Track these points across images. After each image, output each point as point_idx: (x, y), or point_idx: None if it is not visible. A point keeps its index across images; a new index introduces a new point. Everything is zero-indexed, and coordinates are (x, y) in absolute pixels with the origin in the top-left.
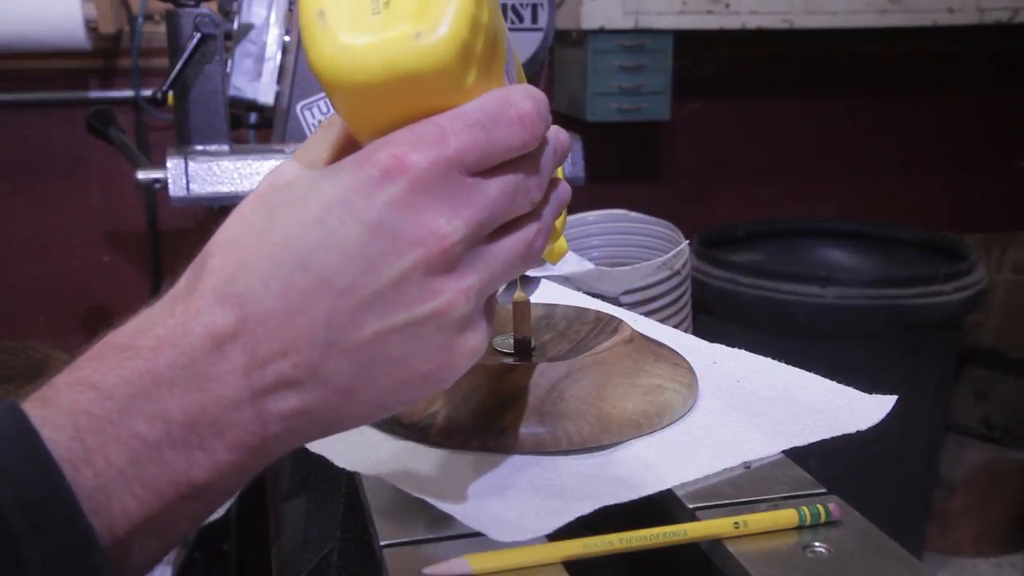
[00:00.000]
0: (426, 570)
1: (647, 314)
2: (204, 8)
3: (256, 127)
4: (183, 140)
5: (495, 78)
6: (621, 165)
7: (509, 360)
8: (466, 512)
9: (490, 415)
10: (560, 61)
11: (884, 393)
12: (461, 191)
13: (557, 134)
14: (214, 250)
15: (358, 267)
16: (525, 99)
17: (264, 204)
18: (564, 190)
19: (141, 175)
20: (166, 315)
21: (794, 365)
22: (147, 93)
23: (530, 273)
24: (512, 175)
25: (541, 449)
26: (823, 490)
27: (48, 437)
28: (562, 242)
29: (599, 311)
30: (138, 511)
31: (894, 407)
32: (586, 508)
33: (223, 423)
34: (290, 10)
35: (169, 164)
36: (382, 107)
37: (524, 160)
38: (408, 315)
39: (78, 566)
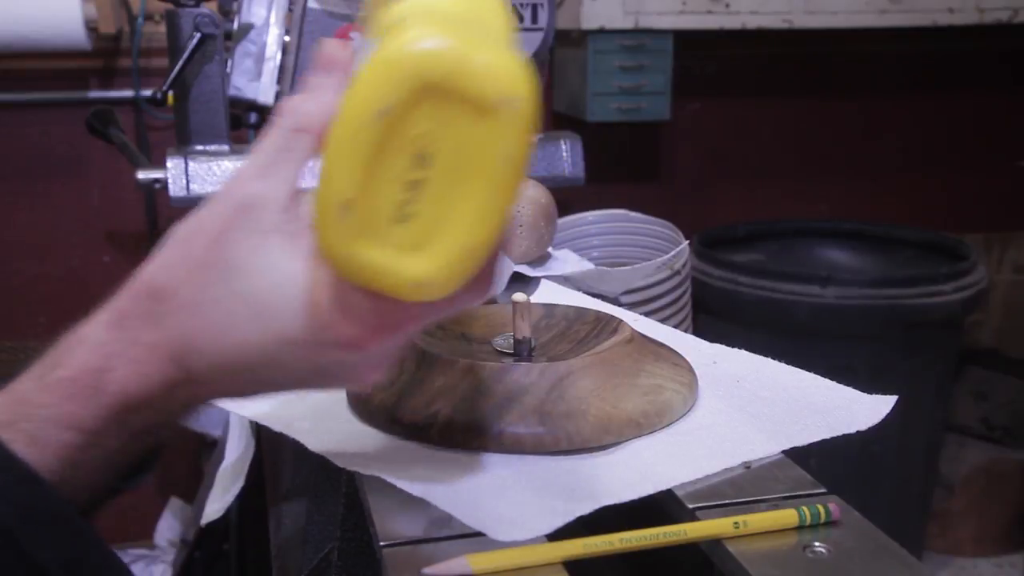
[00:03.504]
0: (426, 570)
1: (647, 314)
2: (204, 8)
3: (256, 127)
4: (183, 140)
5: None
6: (621, 165)
7: (509, 360)
8: (466, 512)
9: (490, 415)
10: (560, 61)
11: (884, 393)
12: (393, 349)
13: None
14: (153, 274)
15: (281, 378)
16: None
17: (216, 256)
18: None
19: (141, 175)
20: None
21: (794, 365)
22: (147, 93)
23: (530, 273)
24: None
25: (541, 449)
26: (823, 490)
27: None
28: None
29: (599, 311)
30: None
31: (894, 407)
32: (586, 508)
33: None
34: (290, 10)
35: (169, 164)
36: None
37: None
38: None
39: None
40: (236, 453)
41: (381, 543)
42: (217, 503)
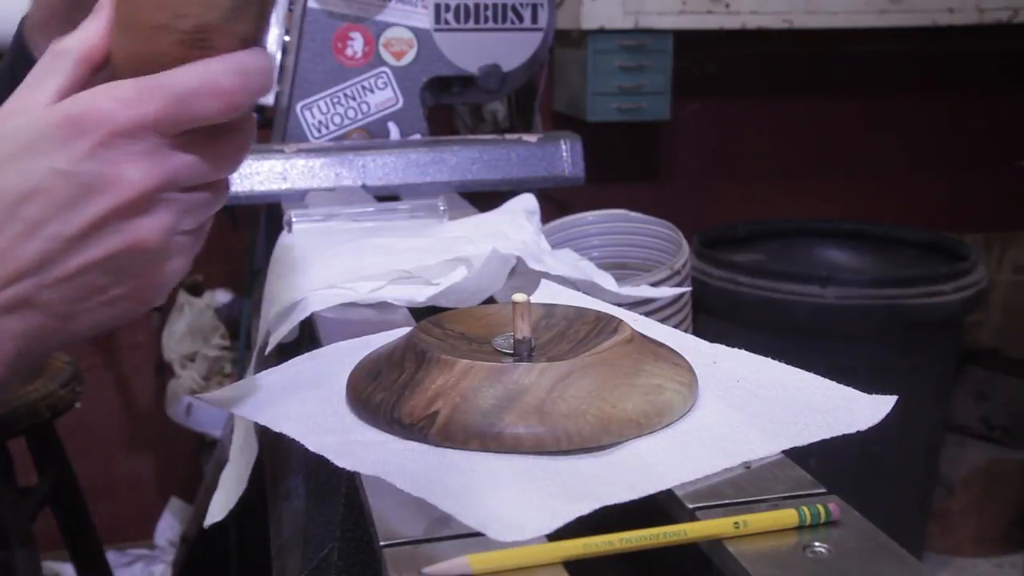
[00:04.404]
0: (426, 570)
1: (647, 314)
2: None
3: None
4: None
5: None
6: (621, 165)
7: (509, 360)
8: (466, 512)
9: (490, 415)
10: (560, 61)
11: (884, 393)
12: (155, 150)
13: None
14: None
15: (59, 212)
16: (231, 75)
17: None
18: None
19: None
20: None
21: (794, 365)
22: None
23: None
24: (209, 141)
25: (541, 449)
26: (823, 490)
27: None
28: None
29: (599, 311)
30: None
31: (894, 407)
32: (586, 508)
33: None
34: (290, 10)
35: None
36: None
37: (225, 127)
38: (106, 251)
39: None
40: (240, 454)
41: (381, 543)
42: (221, 504)
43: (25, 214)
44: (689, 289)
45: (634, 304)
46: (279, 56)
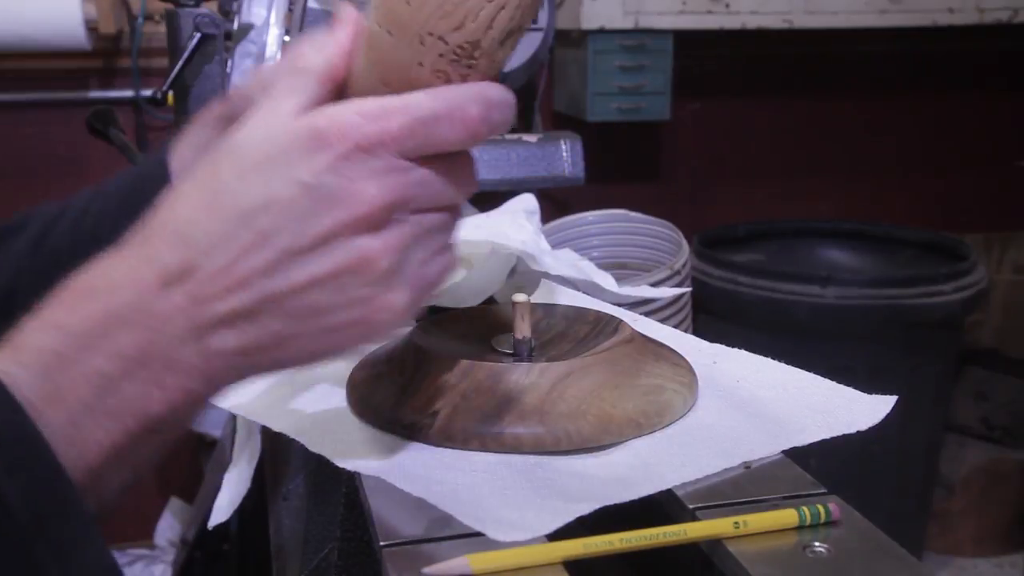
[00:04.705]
0: (426, 570)
1: (647, 314)
2: (204, 8)
3: None
4: None
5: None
6: (621, 165)
7: (509, 360)
8: (466, 512)
9: (490, 415)
10: (560, 61)
11: (884, 393)
12: (393, 168)
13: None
14: (168, 201)
15: (293, 224)
16: (474, 103)
17: (212, 156)
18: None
19: None
20: (120, 261)
21: (794, 365)
22: (147, 93)
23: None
24: (445, 167)
25: (541, 449)
26: (823, 490)
27: (19, 377)
28: None
29: (599, 311)
30: (107, 441)
31: (894, 407)
32: (586, 508)
33: (171, 358)
34: (290, 10)
35: None
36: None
37: (460, 155)
38: (333, 267)
39: (50, 497)
40: (242, 454)
41: (381, 543)
42: (225, 505)
43: (259, 224)
44: (689, 289)
45: (634, 304)
46: (279, 56)
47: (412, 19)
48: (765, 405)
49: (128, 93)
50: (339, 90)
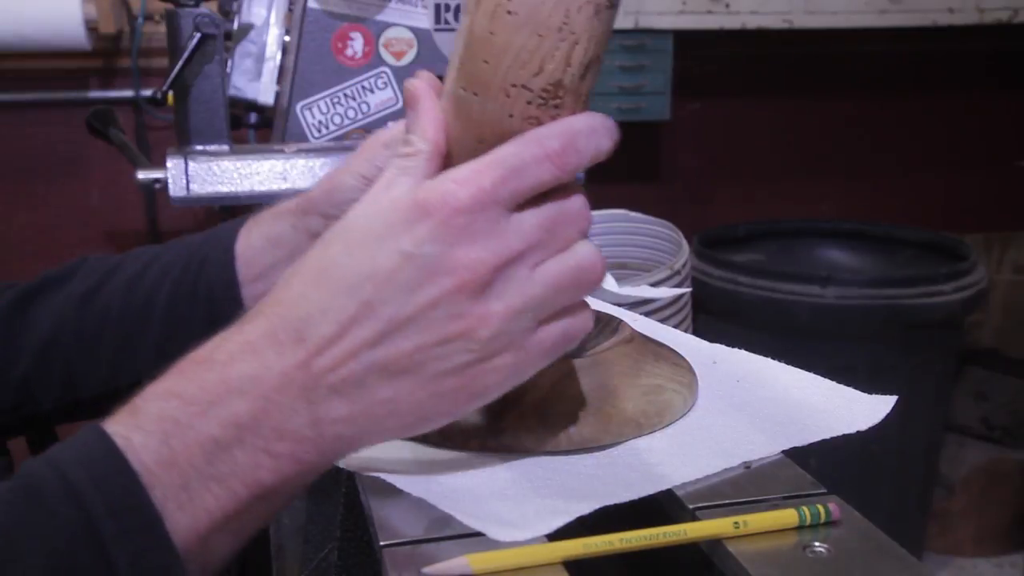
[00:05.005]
0: (426, 570)
1: (647, 314)
2: (204, 8)
3: (256, 127)
4: (183, 140)
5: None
6: (621, 165)
7: None
8: (466, 512)
9: (490, 415)
10: None
11: (884, 393)
12: (495, 226)
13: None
14: (282, 280)
15: (397, 294)
16: (554, 138)
17: (324, 236)
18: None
19: (141, 175)
20: (236, 333)
21: (794, 365)
22: (147, 93)
23: None
24: (548, 206)
25: (541, 449)
26: (823, 490)
27: (138, 442)
28: None
29: (599, 311)
30: (216, 508)
31: (894, 407)
32: (586, 508)
33: (282, 427)
34: (290, 10)
35: (169, 164)
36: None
37: (560, 191)
38: (438, 336)
39: (157, 566)
40: None
41: (381, 543)
42: None
43: (364, 295)
44: (689, 290)
45: (634, 304)
46: (279, 56)
47: (493, 76)
48: (765, 405)
49: (128, 93)
50: (444, 162)
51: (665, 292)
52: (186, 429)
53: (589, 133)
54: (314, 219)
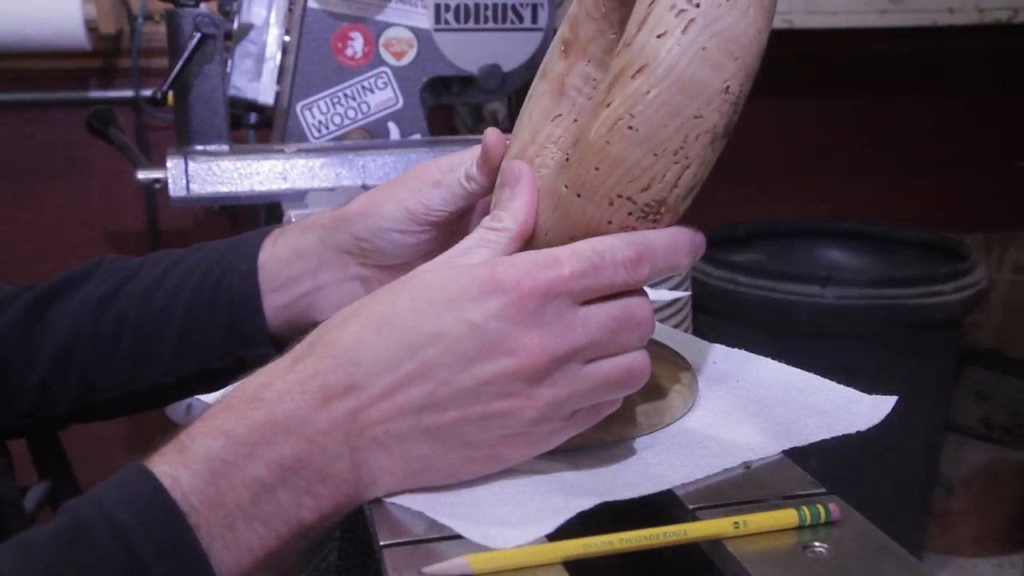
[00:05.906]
0: (426, 570)
1: None
2: (204, 8)
3: (256, 127)
4: (183, 140)
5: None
6: None
7: None
8: (466, 521)
9: None
10: None
11: (884, 393)
12: (563, 316)
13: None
14: (339, 319)
15: (456, 362)
16: (629, 247)
17: (393, 285)
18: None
19: (141, 175)
20: (286, 371)
21: (794, 365)
22: (147, 93)
23: None
24: (616, 307)
25: None
26: (823, 490)
27: (185, 482)
28: None
29: None
30: (259, 546)
31: (894, 407)
32: (586, 504)
33: (325, 470)
34: (290, 10)
35: (169, 164)
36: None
37: (628, 295)
38: (485, 410)
39: None
40: None
41: (381, 543)
42: None
43: (424, 355)
44: (688, 293)
45: None
46: (279, 56)
47: (602, 183)
48: (765, 405)
49: (128, 93)
50: (524, 247)
51: (665, 294)
52: (233, 469)
53: (667, 250)
54: (344, 237)
